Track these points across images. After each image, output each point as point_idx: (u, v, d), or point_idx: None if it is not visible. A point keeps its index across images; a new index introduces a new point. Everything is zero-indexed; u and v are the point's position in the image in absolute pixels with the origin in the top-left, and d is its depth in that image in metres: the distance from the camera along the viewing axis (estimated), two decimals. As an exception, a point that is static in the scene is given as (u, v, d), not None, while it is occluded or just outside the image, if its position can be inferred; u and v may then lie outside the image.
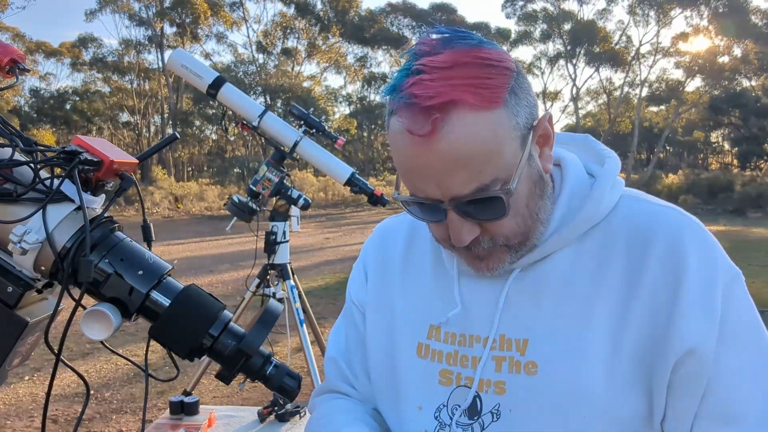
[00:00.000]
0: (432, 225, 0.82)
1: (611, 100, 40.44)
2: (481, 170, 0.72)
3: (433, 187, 0.74)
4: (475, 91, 0.70)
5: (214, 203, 22.94)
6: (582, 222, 0.82)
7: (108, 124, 38.07)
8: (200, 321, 0.73)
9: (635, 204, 0.84)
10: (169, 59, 2.81)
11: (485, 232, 0.78)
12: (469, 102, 0.70)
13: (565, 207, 0.84)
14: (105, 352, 4.66)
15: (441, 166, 0.72)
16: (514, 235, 0.79)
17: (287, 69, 36.22)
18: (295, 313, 2.91)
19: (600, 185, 0.84)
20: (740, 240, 13.68)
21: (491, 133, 0.71)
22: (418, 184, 0.76)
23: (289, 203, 2.89)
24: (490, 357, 0.83)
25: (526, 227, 0.80)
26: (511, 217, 0.77)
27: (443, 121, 0.70)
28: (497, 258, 0.81)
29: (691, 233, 0.80)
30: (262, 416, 2.16)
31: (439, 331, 0.89)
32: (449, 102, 0.69)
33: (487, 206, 0.75)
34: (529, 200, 0.79)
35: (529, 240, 0.81)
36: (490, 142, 0.72)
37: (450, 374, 0.87)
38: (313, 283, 8.25)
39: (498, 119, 0.72)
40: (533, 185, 0.79)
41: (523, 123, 0.75)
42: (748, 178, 27.65)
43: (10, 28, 31.66)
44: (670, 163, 45.87)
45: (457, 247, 0.80)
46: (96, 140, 0.78)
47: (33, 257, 0.71)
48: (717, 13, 32.27)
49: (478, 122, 0.71)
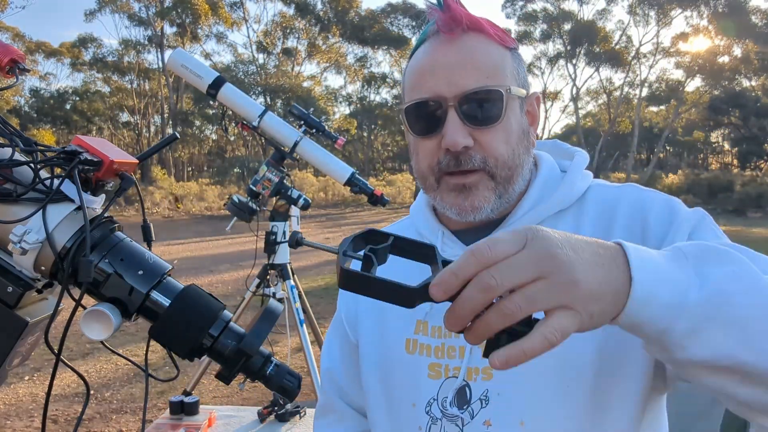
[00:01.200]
0: (424, 144, 0.87)
1: (611, 100, 40.45)
2: (489, 76, 0.83)
3: (443, 83, 0.83)
4: (493, 29, 0.87)
5: (214, 203, 22.94)
6: (555, 202, 0.90)
7: (108, 124, 38.07)
8: (200, 321, 0.73)
9: (601, 188, 0.93)
10: (169, 59, 2.81)
11: (478, 146, 0.84)
12: (489, 32, 0.86)
13: (540, 190, 0.91)
14: (105, 352, 4.66)
15: (456, 62, 0.83)
16: (503, 163, 0.85)
17: (287, 69, 36.22)
18: (295, 313, 2.91)
19: (572, 172, 0.93)
20: (740, 240, 13.61)
21: (501, 59, 0.86)
22: (428, 83, 0.84)
23: (289, 203, 2.89)
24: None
25: (513, 162, 0.86)
26: (503, 137, 0.85)
27: (467, 33, 0.86)
28: (482, 194, 0.85)
29: (651, 193, 0.89)
30: (262, 416, 2.17)
31: (426, 325, 0.91)
32: (476, 22, 0.86)
33: (487, 106, 0.83)
34: (518, 140, 0.87)
35: (511, 184, 0.87)
36: (499, 63, 0.85)
37: (438, 367, 0.88)
38: (313, 283, 8.25)
39: (506, 55, 0.87)
40: (521, 132, 0.88)
41: (522, 78, 0.89)
42: (748, 178, 27.65)
43: (10, 28, 31.67)
44: (670, 163, 45.88)
45: (444, 168, 0.85)
46: (96, 140, 0.78)
47: (33, 257, 0.71)
48: (717, 13, 32.27)
49: (492, 46, 0.86)
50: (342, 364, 1.06)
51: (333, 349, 1.08)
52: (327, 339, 1.11)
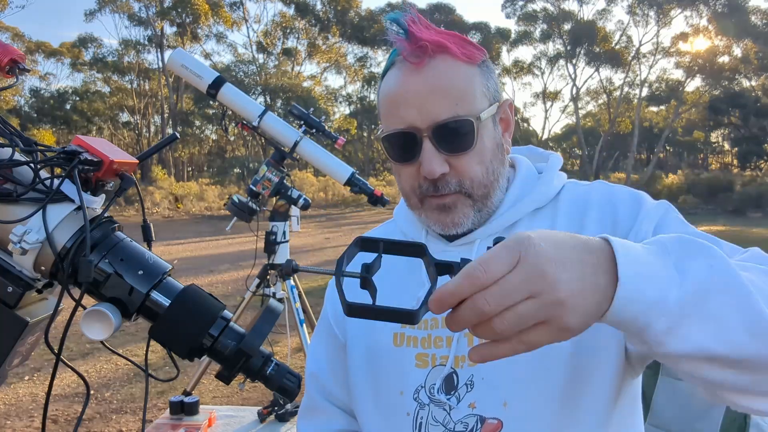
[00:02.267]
0: (405, 170, 0.92)
1: (611, 100, 40.44)
2: (458, 102, 0.86)
3: (414, 113, 0.87)
4: (459, 47, 0.89)
5: (214, 203, 22.94)
6: (532, 201, 0.95)
7: (108, 124, 38.05)
8: (200, 321, 0.73)
9: (575, 187, 0.99)
10: (169, 59, 2.81)
11: (454, 171, 0.89)
12: (454, 52, 0.88)
13: (519, 189, 0.97)
14: (105, 352, 4.66)
15: (426, 91, 0.86)
16: (479, 183, 0.90)
17: (287, 69, 36.22)
18: (295, 313, 2.91)
19: (547, 172, 0.99)
20: (740, 240, 13.66)
21: (468, 79, 0.88)
22: (401, 113, 0.88)
23: (289, 203, 2.89)
24: (462, 334, 0.90)
25: (488, 180, 0.91)
26: (477, 159, 0.89)
27: (433, 58, 0.87)
28: (462, 211, 0.91)
29: (619, 188, 0.95)
30: (262, 416, 2.17)
31: None
32: (440, 45, 0.87)
33: (459, 135, 0.87)
34: (492, 156, 0.91)
35: (489, 198, 0.93)
36: (467, 84, 0.88)
37: (425, 357, 0.92)
38: (313, 283, 8.25)
39: (474, 74, 0.89)
40: (495, 147, 0.92)
41: (492, 91, 0.92)
42: (748, 178, 27.66)
43: (10, 28, 31.65)
44: (670, 163, 45.85)
45: (425, 192, 0.90)
46: (96, 140, 0.78)
47: (33, 257, 0.71)
48: (717, 13, 32.27)
49: (459, 68, 0.88)
50: (328, 366, 1.08)
51: (319, 352, 1.11)
52: (312, 343, 1.14)
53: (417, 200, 0.93)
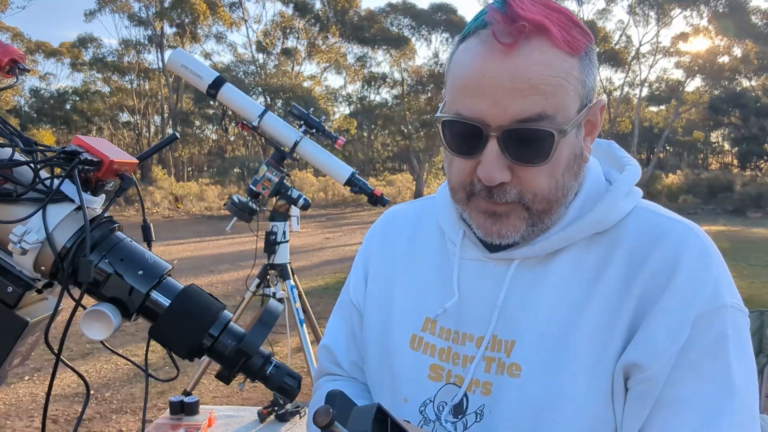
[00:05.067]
0: (459, 162, 0.78)
1: (611, 100, 40.45)
2: (542, 105, 0.71)
3: (488, 104, 0.71)
4: (562, 31, 0.72)
5: (214, 203, 22.94)
6: (590, 224, 0.80)
7: (108, 124, 38.03)
8: (200, 321, 0.73)
9: (647, 216, 0.81)
10: (169, 59, 2.81)
11: (516, 180, 0.75)
12: (555, 37, 0.71)
13: (579, 209, 0.81)
14: (105, 352, 4.66)
15: (509, 81, 0.70)
16: (542, 198, 0.76)
17: (287, 69, 36.21)
18: (295, 313, 2.91)
19: (614, 191, 0.82)
20: (740, 240, 13.67)
21: (565, 73, 0.72)
22: (472, 100, 0.72)
23: (289, 203, 2.89)
24: (481, 357, 0.82)
25: (553, 196, 0.77)
26: (548, 172, 0.75)
27: (528, 39, 0.70)
28: (513, 223, 0.78)
29: (693, 250, 0.76)
30: (262, 416, 2.16)
31: (435, 324, 0.88)
32: (540, 25, 0.71)
33: (533, 145, 0.72)
34: (566, 170, 0.77)
35: (548, 215, 0.78)
36: (562, 79, 0.72)
37: (441, 370, 0.86)
38: (313, 283, 8.25)
39: (571, 68, 0.73)
40: (572, 158, 0.77)
41: (588, 88, 0.76)
42: (748, 178, 27.64)
43: (10, 28, 31.64)
44: (670, 163, 45.85)
45: (478, 194, 0.77)
46: (96, 140, 0.78)
47: (33, 257, 0.71)
48: (717, 13, 32.26)
49: (556, 57, 0.72)
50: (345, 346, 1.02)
51: (337, 333, 1.04)
52: (330, 323, 1.07)
53: (464, 196, 0.79)
